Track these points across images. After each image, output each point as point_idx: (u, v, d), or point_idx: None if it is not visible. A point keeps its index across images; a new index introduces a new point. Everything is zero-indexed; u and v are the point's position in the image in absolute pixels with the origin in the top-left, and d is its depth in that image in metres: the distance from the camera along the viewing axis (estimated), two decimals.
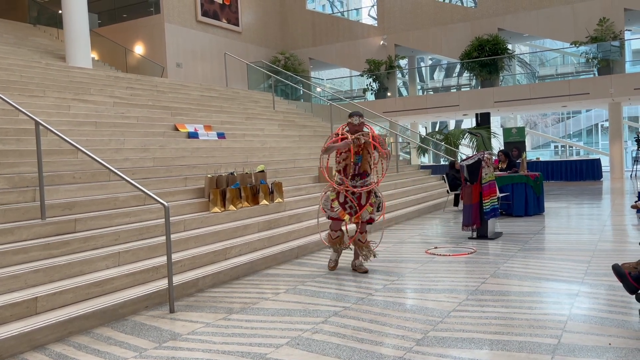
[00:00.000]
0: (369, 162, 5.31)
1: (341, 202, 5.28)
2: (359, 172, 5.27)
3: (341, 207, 5.27)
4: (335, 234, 5.43)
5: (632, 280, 3.50)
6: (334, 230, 5.42)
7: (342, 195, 5.28)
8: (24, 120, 6.89)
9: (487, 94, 19.06)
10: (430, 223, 8.93)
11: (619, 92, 17.07)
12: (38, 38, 15.75)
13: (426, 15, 21.20)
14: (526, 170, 9.85)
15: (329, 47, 23.23)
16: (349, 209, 5.28)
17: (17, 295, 3.77)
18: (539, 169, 17.00)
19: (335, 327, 3.69)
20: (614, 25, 17.66)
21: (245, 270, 5.43)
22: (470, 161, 7.01)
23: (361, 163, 5.25)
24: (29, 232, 4.55)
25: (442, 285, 4.71)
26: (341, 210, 5.27)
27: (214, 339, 3.54)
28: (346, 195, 5.27)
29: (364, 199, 5.31)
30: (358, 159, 5.24)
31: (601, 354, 3.03)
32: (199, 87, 13.01)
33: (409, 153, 23.40)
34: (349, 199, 5.26)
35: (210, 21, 19.76)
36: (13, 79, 8.65)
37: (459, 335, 3.42)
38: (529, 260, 5.62)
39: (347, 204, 5.27)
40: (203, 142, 8.82)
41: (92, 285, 4.15)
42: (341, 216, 5.28)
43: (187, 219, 5.88)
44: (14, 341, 3.37)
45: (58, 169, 5.94)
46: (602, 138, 35.11)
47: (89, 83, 9.92)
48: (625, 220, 8.24)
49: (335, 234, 5.43)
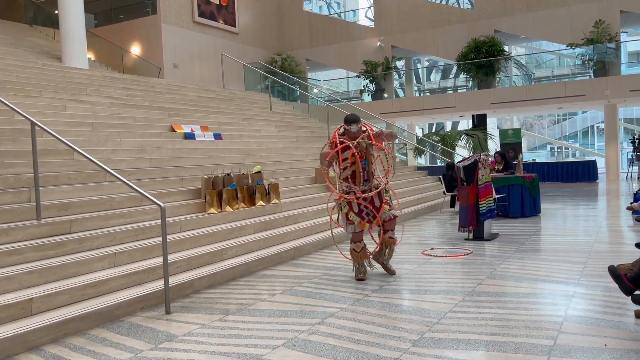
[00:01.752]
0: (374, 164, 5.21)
1: (357, 212, 5.07)
2: (367, 177, 5.12)
3: (359, 217, 5.06)
4: (359, 245, 5.14)
5: (628, 282, 3.51)
6: (356, 241, 5.15)
7: (354, 204, 5.06)
8: (20, 120, 6.86)
9: (483, 95, 19.10)
10: (426, 224, 8.94)
11: (614, 93, 17.14)
12: (34, 38, 15.71)
13: (423, 16, 21.24)
14: (522, 172, 9.88)
15: (325, 49, 23.24)
16: (367, 216, 5.08)
17: (11, 296, 3.75)
18: (535, 171, 17.02)
19: (332, 328, 3.68)
20: (610, 27, 17.73)
21: (242, 272, 5.41)
22: (466, 162, 7.02)
23: (367, 167, 5.11)
24: (24, 233, 4.53)
25: (438, 287, 4.71)
26: (360, 221, 5.05)
27: (210, 340, 3.53)
28: (359, 203, 5.06)
29: (377, 200, 5.11)
30: (364, 163, 5.07)
31: (597, 355, 3.03)
32: (196, 87, 12.99)
33: (406, 154, 23.42)
34: (363, 206, 5.06)
35: (207, 22, 19.74)
36: (9, 79, 8.62)
37: (455, 337, 3.42)
38: (525, 261, 5.62)
39: (362, 212, 5.07)
40: (200, 143, 8.81)
41: (88, 287, 4.14)
42: (362, 227, 5.07)
43: (183, 220, 5.86)
44: (8, 343, 3.35)
45: (54, 170, 5.92)
46: (598, 140, 35.23)
47: (86, 83, 9.90)
48: (621, 222, 8.26)
49: (359, 246, 5.14)
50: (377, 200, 5.11)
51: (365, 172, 5.08)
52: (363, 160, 5.04)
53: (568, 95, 17.75)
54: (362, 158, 5.03)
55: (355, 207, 5.06)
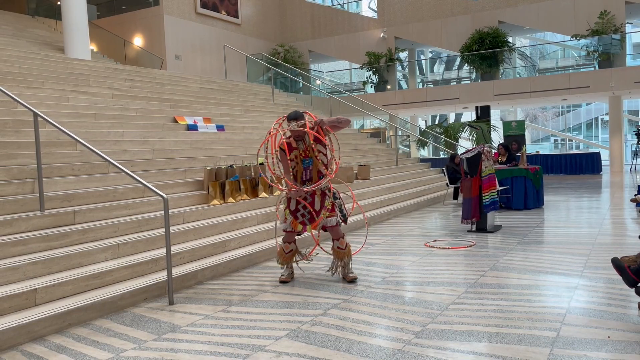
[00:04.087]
0: (322, 162, 4.63)
1: (292, 210, 4.68)
2: (310, 177, 4.67)
3: (292, 216, 4.67)
4: (287, 247, 4.76)
5: (632, 274, 3.50)
6: (286, 242, 4.78)
7: (293, 202, 4.68)
8: (23, 111, 6.87)
9: (487, 87, 19.02)
10: (429, 216, 8.93)
11: (619, 85, 17.05)
12: (36, 29, 15.67)
13: (426, 7, 21.12)
14: (526, 164, 9.85)
15: (328, 40, 23.15)
16: (301, 217, 4.66)
17: (16, 287, 3.76)
18: (539, 163, 16.98)
19: (334, 319, 3.69)
20: (615, 18, 17.60)
21: (245, 263, 5.43)
22: (470, 154, 7.00)
23: (312, 166, 4.65)
24: (28, 224, 4.54)
25: (441, 278, 4.71)
26: (293, 220, 4.67)
27: (213, 331, 3.54)
28: (298, 202, 4.66)
29: (318, 204, 4.65)
30: (306, 162, 4.65)
31: (600, 346, 3.03)
32: (198, 79, 12.96)
33: (409, 146, 23.38)
34: (302, 206, 4.65)
35: (210, 13, 19.67)
36: (12, 71, 8.62)
37: (458, 328, 3.42)
38: (528, 253, 5.62)
39: (298, 211, 4.67)
40: (202, 134, 8.80)
41: (91, 277, 4.15)
42: (294, 227, 4.68)
43: (186, 211, 5.87)
44: (12, 333, 3.37)
45: (57, 161, 5.93)
46: (602, 132, 35.09)
47: (88, 75, 9.88)
48: (625, 214, 8.24)
49: (287, 247, 4.76)
50: (317, 203, 4.66)
51: (307, 172, 4.66)
52: (305, 160, 4.62)
53: (572, 87, 17.67)
54: (305, 157, 4.62)
55: (293, 205, 4.69)
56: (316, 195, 4.67)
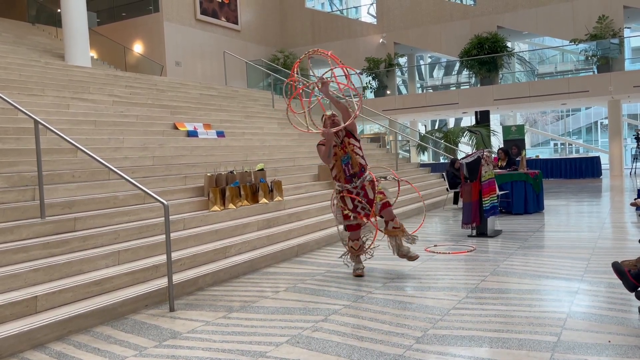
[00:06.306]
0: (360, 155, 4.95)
1: (352, 208, 5.00)
2: (353, 173, 4.95)
3: (355, 213, 5.00)
4: (357, 244, 5.14)
5: (632, 278, 3.50)
6: (354, 239, 5.13)
7: (348, 201, 4.99)
8: (23, 119, 6.88)
9: (486, 91, 19.06)
10: (429, 221, 8.93)
11: (618, 89, 17.07)
12: (37, 37, 15.73)
13: (425, 13, 21.19)
14: (526, 168, 9.86)
15: (328, 45, 23.17)
16: (362, 210, 4.98)
17: (17, 294, 3.77)
18: (539, 167, 16.96)
19: (335, 325, 3.69)
20: (614, 22, 17.65)
21: (245, 269, 5.43)
22: (469, 159, 7.01)
23: (351, 161, 4.93)
24: (29, 231, 4.54)
25: (441, 283, 4.71)
26: (357, 215, 4.99)
27: (213, 338, 3.54)
28: (352, 199, 4.96)
29: (371, 193, 4.97)
30: (345, 159, 4.93)
31: (601, 351, 3.03)
32: (198, 85, 13.00)
33: (409, 151, 23.40)
34: (357, 201, 4.97)
35: (209, 19, 19.74)
36: (12, 78, 8.65)
37: (459, 333, 3.42)
38: (529, 257, 5.62)
39: (357, 207, 4.99)
40: (202, 140, 8.82)
41: (92, 284, 4.15)
42: (361, 219, 5.01)
43: (186, 217, 5.88)
44: (13, 340, 3.37)
45: (57, 168, 5.94)
46: (602, 136, 35.10)
47: (88, 82, 9.91)
48: (625, 218, 8.24)
49: (357, 244, 5.14)
50: (370, 192, 4.98)
51: (348, 168, 4.93)
52: (344, 156, 4.93)
53: (571, 92, 17.70)
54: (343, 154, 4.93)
55: (349, 203, 4.99)
56: (366, 185, 4.97)
